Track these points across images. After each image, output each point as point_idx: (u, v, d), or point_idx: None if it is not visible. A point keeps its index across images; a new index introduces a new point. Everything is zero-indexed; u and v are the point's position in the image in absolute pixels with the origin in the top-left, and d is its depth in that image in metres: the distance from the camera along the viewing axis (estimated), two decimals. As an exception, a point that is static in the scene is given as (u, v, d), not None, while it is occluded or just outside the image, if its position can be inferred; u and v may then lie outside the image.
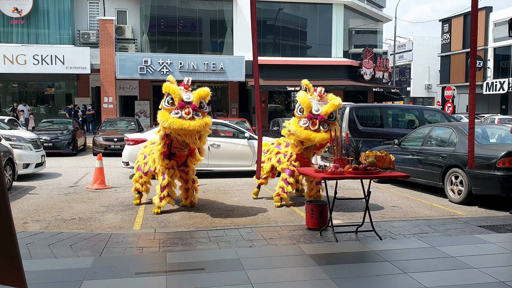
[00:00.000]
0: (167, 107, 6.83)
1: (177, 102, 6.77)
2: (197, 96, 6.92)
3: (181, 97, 6.83)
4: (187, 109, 6.73)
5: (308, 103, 7.57)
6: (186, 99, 6.84)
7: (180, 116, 6.68)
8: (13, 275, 1.57)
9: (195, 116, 6.74)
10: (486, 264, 4.69)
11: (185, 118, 6.68)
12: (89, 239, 5.71)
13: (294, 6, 27.34)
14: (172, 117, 6.67)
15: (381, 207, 8.06)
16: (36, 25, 23.79)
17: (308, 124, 7.45)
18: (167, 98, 6.89)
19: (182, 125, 6.60)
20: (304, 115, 7.56)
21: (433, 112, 14.38)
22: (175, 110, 6.73)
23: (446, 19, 43.22)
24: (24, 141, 11.24)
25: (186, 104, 6.78)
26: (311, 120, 7.44)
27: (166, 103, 6.87)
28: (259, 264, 4.75)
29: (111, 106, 23.12)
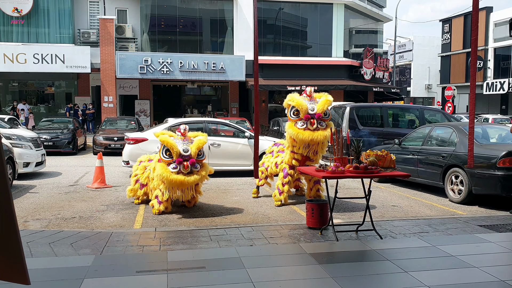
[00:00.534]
0: (166, 159, 6.98)
1: (175, 157, 6.91)
2: (195, 149, 7.08)
3: (179, 151, 6.95)
4: (185, 163, 6.89)
5: (303, 104, 7.54)
6: (184, 153, 6.96)
7: (179, 171, 6.87)
8: (16, 271, 1.57)
9: (193, 169, 6.98)
10: (487, 263, 4.69)
11: (183, 173, 6.89)
12: (90, 238, 5.71)
13: (294, 5, 27.35)
14: (171, 174, 6.84)
15: (381, 207, 8.07)
16: (36, 24, 23.79)
17: (306, 125, 7.44)
18: (164, 149, 7.02)
19: (181, 183, 6.87)
20: (299, 117, 7.53)
21: (433, 112, 14.39)
22: (173, 164, 6.90)
23: (447, 19, 43.23)
24: (24, 140, 11.24)
25: (184, 158, 6.93)
26: (308, 121, 7.43)
27: (163, 155, 7.02)
28: (260, 262, 4.76)
29: (111, 105, 23.12)
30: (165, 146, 7.01)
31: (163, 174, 6.84)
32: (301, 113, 7.51)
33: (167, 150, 6.99)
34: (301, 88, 25.52)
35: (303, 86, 25.36)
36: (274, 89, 26.65)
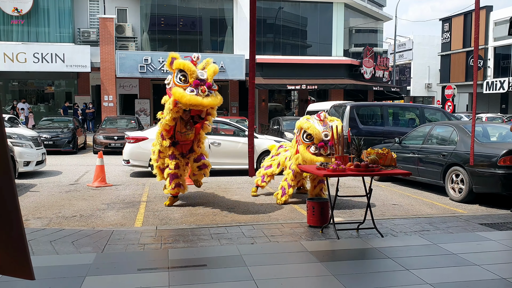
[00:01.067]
0: (180, 84, 6.86)
1: (192, 80, 6.83)
2: (211, 74, 7.03)
3: (196, 74, 6.88)
4: (203, 86, 6.82)
5: (318, 133, 7.37)
6: (201, 77, 6.91)
7: (196, 93, 6.77)
8: (21, 266, 1.57)
9: (209, 93, 6.91)
10: (488, 261, 4.70)
11: (202, 96, 6.78)
12: (91, 236, 5.72)
13: (294, 4, 27.33)
14: (189, 95, 6.71)
15: (382, 205, 8.07)
16: (36, 23, 23.76)
17: (319, 150, 7.36)
18: (179, 75, 6.91)
19: (201, 103, 6.72)
20: (312, 142, 7.41)
21: (433, 111, 14.40)
22: (190, 87, 6.78)
23: (446, 18, 43.22)
24: (24, 139, 11.24)
25: (201, 82, 6.86)
26: (322, 148, 7.37)
27: (178, 80, 6.90)
28: (261, 260, 4.76)
29: (111, 104, 23.11)
30: (180, 71, 6.92)
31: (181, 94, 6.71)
32: (315, 140, 7.41)
33: (182, 75, 6.89)
34: (301, 87, 25.56)
35: (303, 85, 25.40)
36: (274, 88, 26.64)
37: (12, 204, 1.50)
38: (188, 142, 7.61)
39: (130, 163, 11.10)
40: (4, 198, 1.49)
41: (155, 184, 9.93)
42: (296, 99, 32.00)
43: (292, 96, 32.38)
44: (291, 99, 32.51)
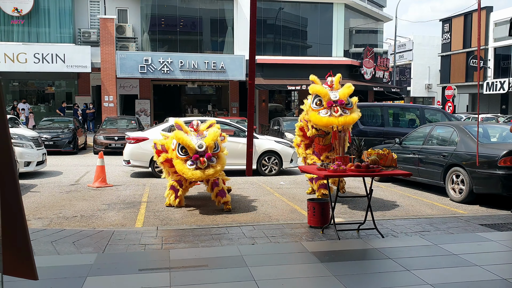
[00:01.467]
0: (182, 157, 7.08)
1: (191, 153, 7.02)
2: (210, 142, 7.17)
3: (194, 148, 7.05)
4: (201, 158, 6.99)
5: (325, 91, 7.59)
6: (199, 149, 7.07)
7: (196, 167, 6.96)
8: (25, 267, 1.58)
9: (210, 163, 7.07)
10: (488, 261, 4.70)
11: (201, 168, 6.98)
12: (92, 236, 5.72)
13: (294, 5, 27.34)
14: (189, 170, 6.94)
15: (382, 206, 8.08)
16: (37, 24, 23.77)
17: (329, 112, 7.42)
18: (179, 147, 7.13)
19: (200, 177, 7.03)
20: (322, 107, 7.53)
21: (433, 111, 14.41)
22: (190, 161, 6.98)
23: (447, 19, 43.22)
24: (25, 139, 11.25)
25: (200, 154, 7.02)
26: (331, 108, 7.43)
27: (179, 152, 7.12)
28: (262, 261, 4.77)
29: (111, 105, 23.12)
30: (179, 144, 7.12)
31: (183, 171, 6.99)
32: (324, 101, 7.54)
33: (182, 148, 7.10)
34: (301, 87, 25.55)
35: (303, 86, 25.40)
36: (274, 88, 26.64)
37: (17, 207, 1.51)
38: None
39: (130, 163, 11.11)
40: (9, 200, 1.50)
41: (155, 184, 9.94)
42: (296, 99, 32.00)
43: (292, 97, 32.38)
44: (291, 99, 32.51)
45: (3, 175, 1.55)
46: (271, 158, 11.75)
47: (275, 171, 11.76)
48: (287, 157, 11.83)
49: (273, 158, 11.75)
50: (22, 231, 1.55)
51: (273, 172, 11.74)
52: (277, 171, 11.76)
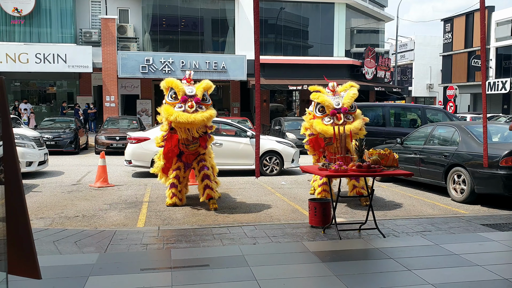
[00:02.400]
0: (171, 102, 7.00)
1: (180, 96, 6.93)
2: (200, 89, 7.07)
3: (184, 91, 6.97)
4: (190, 102, 6.88)
5: (327, 100, 7.59)
6: (189, 93, 6.97)
7: (184, 109, 6.83)
8: (28, 266, 1.59)
9: (198, 109, 6.90)
10: (490, 261, 4.70)
11: (189, 111, 6.82)
12: (94, 236, 5.74)
13: (296, 5, 27.34)
14: (176, 111, 6.79)
15: (383, 206, 8.08)
16: (38, 24, 23.80)
17: (332, 120, 7.46)
18: (170, 92, 7.06)
19: (187, 119, 6.73)
20: (325, 114, 7.58)
21: (435, 111, 14.40)
22: (179, 104, 6.89)
23: (448, 19, 43.18)
24: (27, 139, 11.28)
25: (189, 97, 6.93)
26: (334, 116, 7.47)
27: (169, 98, 7.05)
28: (264, 260, 4.78)
29: (113, 105, 23.15)
30: (171, 89, 7.04)
31: (168, 112, 6.80)
32: (326, 109, 7.58)
33: (174, 93, 7.01)
34: (302, 87, 25.55)
35: (305, 86, 25.40)
36: (275, 88, 26.64)
37: (20, 207, 1.52)
38: (193, 152, 7.64)
39: (132, 163, 11.13)
40: (13, 201, 1.51)
41: (157, 184, 9.95)
42: (298, 99, 32.01)
43: (294, 97, 32.38)
44: (292, 99, 32.52)
45: (7, 175, 1.56)
46: (272, 158, 11.75)
47: (276, 171, 11.76)
48: (288, 157, 11.84)
49: (274, 158, 11.76)
50: (26, 231, 1.56)
51: (274, 172, 11.74)
52: (278, 171, 11.76)
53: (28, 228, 1.57)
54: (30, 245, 1.58)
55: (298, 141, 16.77)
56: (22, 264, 1.58)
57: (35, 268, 1.59)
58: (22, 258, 1.58)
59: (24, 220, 1.57)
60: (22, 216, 1.56)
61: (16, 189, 1.54)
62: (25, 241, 1.57)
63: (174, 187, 7.69)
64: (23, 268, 1.58)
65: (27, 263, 1.59)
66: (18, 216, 1.55)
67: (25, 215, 1.57)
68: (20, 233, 1.56)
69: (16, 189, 1.54)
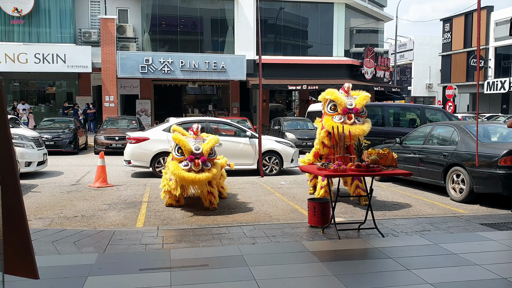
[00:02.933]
0: (177, 157, 7.16)
1: (187, 155, 7.07)
2: (207, 147, 7.21)
3: (190, 149, 7.10)
4: (196, 160, 7.03)
5: (341, 98, 7.69)
6: (196, 151, 7.10)
7: (190, 168, 7.00)
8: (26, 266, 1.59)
9: (204, 167, 7.09)
10: (489, 261, 4.71)
11: (195, 170, 7.02)
12: (93, 236, 5.74)
13: (295, 5, 27.34)
14: (182, 171, 6.97)
15: (382, 205, 8.08)
16: (37, 24, 23.80)
17: (343, 119, 7.52)
18: (176, 147, 7.21)
19: (192, 179, 6.99)
20: (336, 112, 7.64)
21: (434, 111, 14.40)
22: (185, 162, 7.04)
23: (447, 19, 43.20)
24: (26, 140, 11.27)
25: (195, 156, 7.06)
26: (346, 115, 7.53)
27: (176, 152, 7.21)
28: (263, 260, 4.78)
29: (112, 105, 23.15)
30: (177, 144, 7.18)
31: (175, 171, 7.00)
32: (339, 108, 7.66)
33: (179, 148, 7.16)
34: (302, 87, 25.56)
35: (304, 86, 25.41)
36: (275, 88, 26.65)
37: (18, 207, 1.52)
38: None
39: (131, 163, 11.13)
40: (10, 201, 1.51)
41: (156, 184, 9.94)
42: (297, 99, 32.02)
43: (293, 97, 32.40)
44: (292, 99, 32.53)
45: (4, 176, 1.56)
46: (272, 158, 11.75)
47: (276, 171, 11.77)
48: (288, 157, 11.84)
49: (273, 158, 11.76)
50: (23, 231, 1.56)
51: (274, 172, 11.74)
52: (277, 171, 11.76)
53: (25, 228, 1.57)
54: (28, 245, 1.58)
55: (297, 141, 16.80)
56: (20, 264, 1.58)
57: (32, 268, 1.59)
58: (20, 258, 1.58)
59: (22, 220, 1.57)
60: (20, 216, 1.56)
61: (13, 189, 1.54)
62: (23, 241, 1.57)
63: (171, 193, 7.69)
64: (20, 268, 1.58)
65: (25, 263, 1.59)
66: (15, 216, 1.55)
67: (23, 215, 1.57)
68: (18, 233, 1.56)
69: (14, 189, 1.54)
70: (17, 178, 1.57)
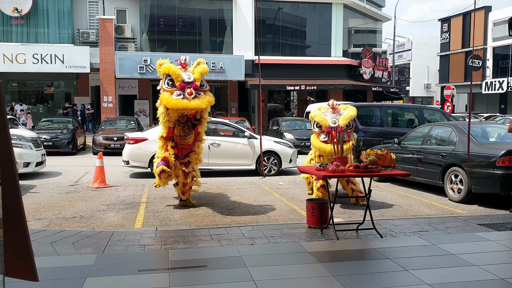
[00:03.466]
0: (168, 89, 6.90)
1: (177, 83, 6.83)
2: (198, 75, 7.00)
3: (182, 77, 6.87)
4: (189, 89, 6.80)
5: (324, 119, 7.89)
6: (187, 79, 6.87)
7: (183, 97, 6.76)
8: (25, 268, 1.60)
9: (197, 95, 6.86)
10: (486, 261, 4.72)
11: (188, 98, 6.77)
12: (91, 237, 5.73)
13: (293, 5, 27.35)
14: (175, 99, 6.73)
15: (381, 206, 8.09)
16: (35, 24, 23.77)
17: (328, 137, 7.78)
18: (166, 79, 6.95)
19: (187, 106, 6.70)
20: (321, 130, 7.93)
21: (432, 111, 14.43)
22: (177, 91, 6.79)
23: (445, 19, 43.28)
24: (24, 140, 11.25)
25: (187, 84, 6.82)
26: (329, 134, 7.77)
27: (166, 85, 6.95)
28: (261, 261, 4.79)
29: (110, 105, 23.13)
30: (167, 76, 6.92)
31: (167, 100, 6.74)
32: (323, 127, 7.90)
33: (170, 80, 6.90)
34: (300, 87, 25.57)
35: (302, 86, 25.42)
36: (273, 88, 26.65)
37: (17, 208, 1.52)
38: (186, 146, 7.61)
39: (129, 164, 11.12)
40: (9, 203, 1.51)
41: (155, 185, 9.93)
42: (296, 99, 32.02)
43: (292, 97, 32.40)
44: (290, 99, 32.53)
45: (3, 176, 1.56)
46: (270, 158, 11.75)
47: (274, 171, 11.77)
48: (286, 157, 11.84)
49: (272, 158, 11.76)
50: (23, 233, 1.57)
51: (272, 173, 11.75)
52: (276, 171, 11.77)
53: (25, 230, 1.57)
54: (27, 246, 1.58)
55: (296, 141, 16.81)
56: (19, 266, 1.58)
57: (32, 270, 1.60)
58: (19, 260, 1.58)
59: (21, 221, 1.57)
60: (19, 218, 1.56)
61: (12, 190, 1.54)
62: (22, 242, 1.57)
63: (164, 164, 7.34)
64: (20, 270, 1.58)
65: (24, 265, 1.59)
66: (14, 217, 1.55)
67: (22, 217, 1.57)
68: (17, 235, 1.56)
69: (13, 190, 1.54)
70: (16, 179, 1.57)
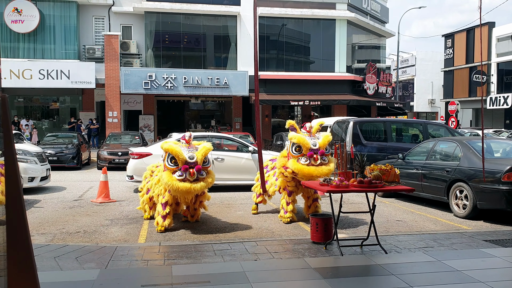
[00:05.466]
0: (171, 167, 6.85)
1: (181, 164, 6.78)
2: (200, 156, 6.92)
3: (184, 158, 6.81)
4: (191, 170, 6.75)
5: (305, 141, 7.46)
6: (190, 160, 6.84)
7: (185, 178, 6.72)
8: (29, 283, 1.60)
9: (199, 176, 6.84)
10: (492, 278, 4.67)
11: (190, 180, 6.75)
12: (95, 252, 5.72)
13: (297, 21, 27.58)
14: (176, 181, 6.69)
15: (385, 221, 8.04)
16: (42, 41, 24.08)
17: (309, 161, 7.38)
18: (169, 157, 6.90)
19: (187, 189, 6.71)
20: (301, 153, 7.46)
21: (437, 127, 14.40)
22: (179, 172, 6.75)
23: (449, 34, 43.48)
24: (29, 155, 11.31)
25: (190, 165, 6.79)
26: (312, 157, 7.39)
27: (169, 163, 6.88)
28: (265, 277, 4.75)
29: (115, 120, 23.26)
30: (170, 154, 6.87)
31: (169, 182, 6.69)
32: (303, 150, 7.45)
33: (172, 158, 6.85)
34: (304, 103, 25.65)
35: (306, 101, 25.50)
36: (277, 104, 26.76)
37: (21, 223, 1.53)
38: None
39: (134, 178, 11.13)
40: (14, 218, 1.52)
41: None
42: (300, 114, 32.10)
43: (296, 112, 32.48)
44: (294, 114, 32.61)
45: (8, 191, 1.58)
46: (274, 174, 11.71)
47: (278, 186, 11.71)
48: (290, 173, 11.79)
49: (276, 174, 11.72)
50: (26, 247, 1.57)
51: (276, 188, 11.69)
52: (280, 187, 11.71)
53: (28, 244, 1.58)
54: (30, 261, 1.59)
55: (300, 157, 16.77)
56: (22, 280, 1.58)
57: (35, 285, 1.60)
58: (22, 274, 1.59)
59: (25, 236, 1.58)
60: (23, 232, 1.57)
61: (17, 204, 1.55)
62: (25, 257, 1.58)
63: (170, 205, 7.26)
64: (23, 285, 1.59)
65: (27, 279, 1.59)
66: (18, 232, 1.56)
67: (26, 231, 1.58)
68: (21, 249, 1.57)
69: (17, 205, 1.55)
70: (21, 193, 1.59)
